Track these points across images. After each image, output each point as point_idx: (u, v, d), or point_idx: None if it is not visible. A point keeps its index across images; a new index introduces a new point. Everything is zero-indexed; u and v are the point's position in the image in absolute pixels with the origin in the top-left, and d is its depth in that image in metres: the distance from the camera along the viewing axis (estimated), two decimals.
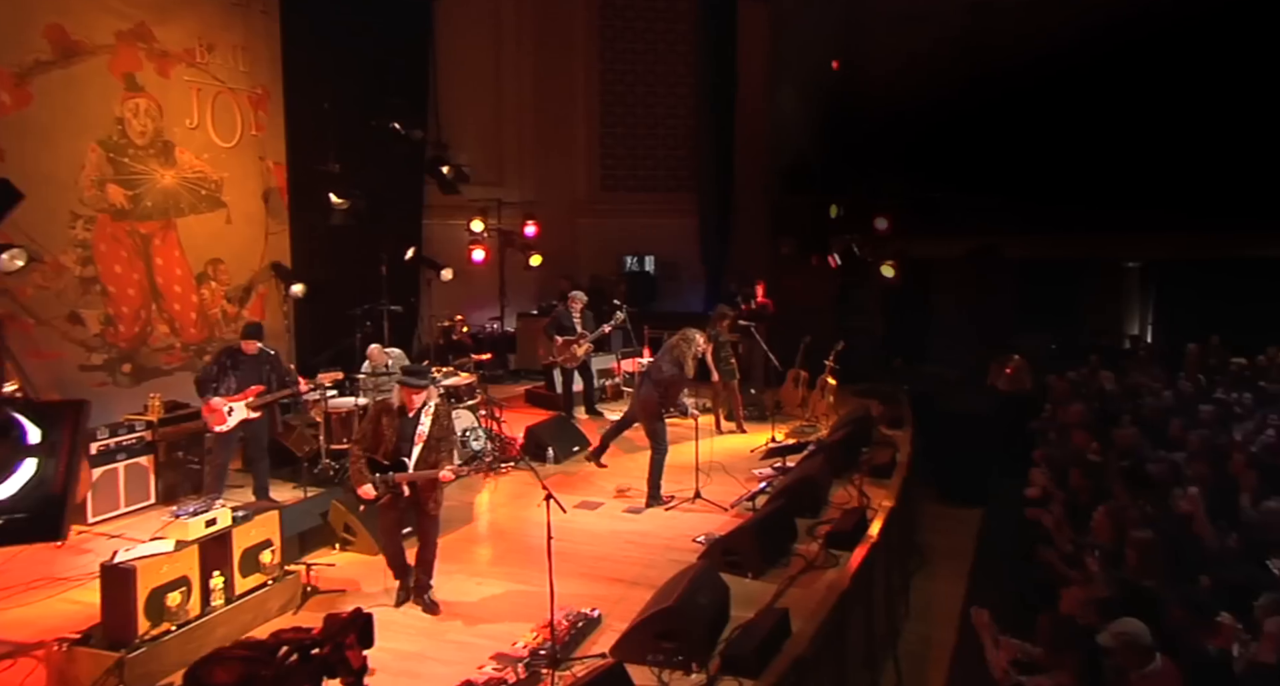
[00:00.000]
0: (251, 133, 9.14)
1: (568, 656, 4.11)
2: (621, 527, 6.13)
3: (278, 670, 2.31)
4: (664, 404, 6.46)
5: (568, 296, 9.47)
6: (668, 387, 6.42)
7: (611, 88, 13.74)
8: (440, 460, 4.79)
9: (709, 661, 4.00)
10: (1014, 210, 12.96)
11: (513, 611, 4.66)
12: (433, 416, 4.81)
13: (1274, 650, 3.41)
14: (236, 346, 6.28)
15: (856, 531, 5.60)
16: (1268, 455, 6.05)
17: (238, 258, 9.07)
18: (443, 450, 4.84)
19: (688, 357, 6.38)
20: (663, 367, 6.44)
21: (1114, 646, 3.55)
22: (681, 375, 6.40)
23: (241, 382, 6.12)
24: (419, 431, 4.76)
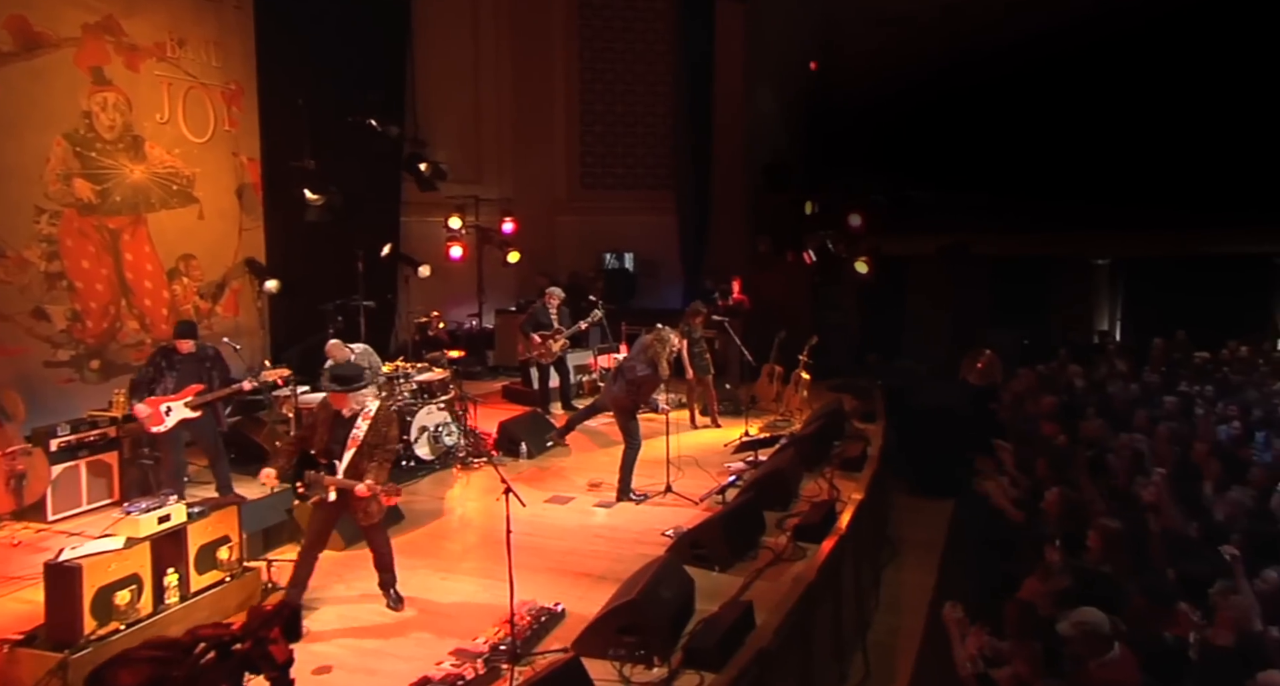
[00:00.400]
0: (225, 128, 9.06)
1: (529, 651, 4.12)
2: (591, 522, 6.14)
3: (191, 669, 2.26)
4: (635, 402, 6.47)
5: (544, 293, 9.46)
6: (640, 387, 6.42)
7: (591, 86, 13.73)
8: (368, 470, 4.48)
9: (671, 655, 4.01)
10: (986, 208, 13.14)
11: (477, 606, 4.65)
12: (371, 421, 4.57)
13: (1231, 633, 3.46)
14: (172, 346, 6.08)
15: (825, 524, 5.63)
16: (1231, 445, 6.15)
17: (210, 253, 8.99)
18: (376, 458, 4.54)
19: (662, 358, 6.38)
20: (637, 367, 6.44)
21: (1073, 635, 3.59)
22: (655, 375, 6.41)
23: (180, 382, 5.97)
24: (353, 435, 4.52)
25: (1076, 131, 13.45)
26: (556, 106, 13.56)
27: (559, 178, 13.73)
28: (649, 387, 6.48)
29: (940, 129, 13.86)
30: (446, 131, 12.67)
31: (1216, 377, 8.66)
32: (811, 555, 5.31)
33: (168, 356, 6.01)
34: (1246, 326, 12.21)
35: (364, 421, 4.56)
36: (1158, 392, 7.82)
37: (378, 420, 4.60)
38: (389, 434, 4.64)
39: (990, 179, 13.59)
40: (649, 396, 6.49)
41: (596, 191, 13.87)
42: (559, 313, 9.29)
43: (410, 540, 5.75)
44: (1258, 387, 7.97)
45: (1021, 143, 13.52)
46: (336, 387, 4.59)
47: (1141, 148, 13.07)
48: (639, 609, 4.00)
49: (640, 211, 13.62)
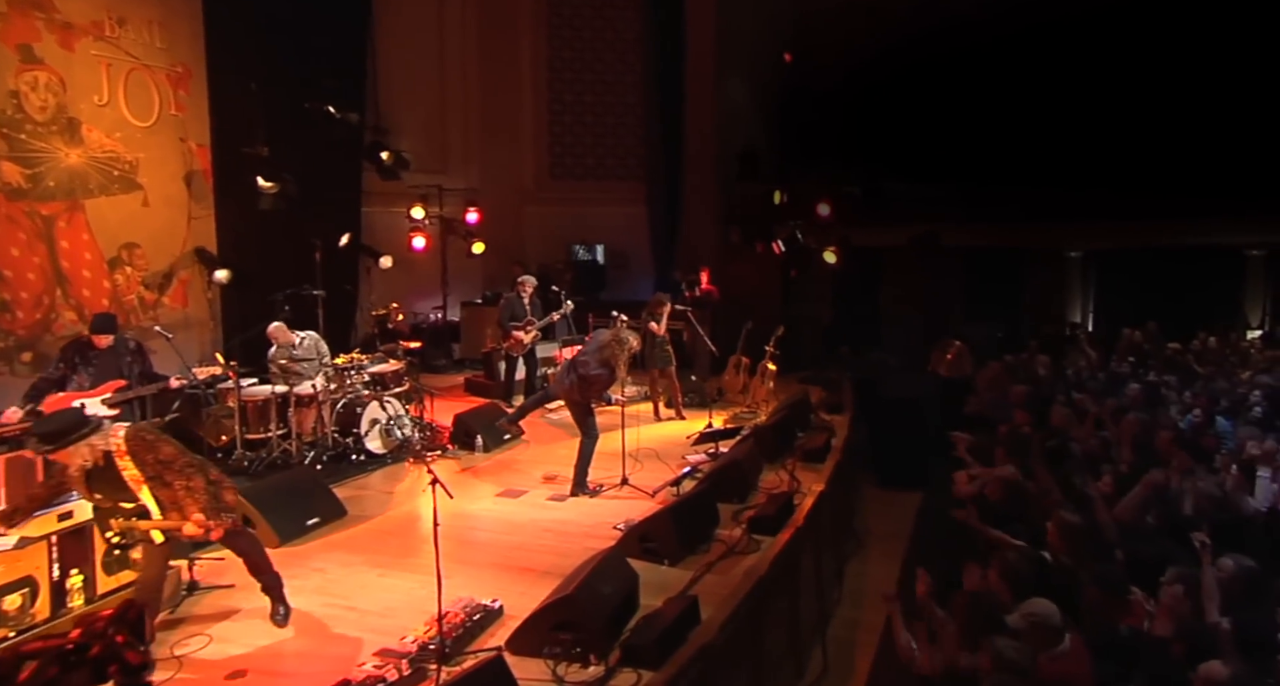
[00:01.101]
0: (171, 112, 8.74)
1: (460, 650, 3.90)
2: (542, 516, 5.93)
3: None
4: (586, 399, 6.25)
5: (518, 281, 9.25)
6: (590, 385, 6.22)
7: (559, 74, 13.48)
8: (180, 499, 3.74)
9: (610, 653, 3.81)
10: (959, 198, 13.09)
11: (412, 604, 4.42)
12: (128, 456, 3.71)
13: (1170, 622, 3.32)
14: (86, 339, 5.73)
15: (781, 516, 5.46)
16: (1193, 433, 6.04)
17: (156, 242, 8.68)
18: (175, 483, 3.75)
19: (620, 361, 6.17)
20: (590, 364, 6.22)
21: (1023, 627, 3.44)
22: (610, 376, 6.20)
23: (97, 378, 5.63)
24: (128, 478, 3.71)
25: (1050, 122, 13.44)
26: (524, 95, 13.29)
27: (527, 168, 13.47)
28: (600, 387, 6.26)
29: (914, 119, 13.81)
30: (411, 119, 12.38)
31: (1182, 367, 8.58)
32: (766, 548, 5.14)
33: (82, 352, 5.66)
34: (1217, 317, 12.25)
35: (123, 460, 3.72)
36: (1124, 382, 7.72)
37: (136, 450, 3.73)
38: (159, 459, 3.77)
39: (964, 169, 13.55)
40: (600, 394, 6.28)
41: (566, 182, 13.63)
42: (532, 303, 9.09)
43: (352, 536, 5.51)
44: (1225, 377, 7.89)
45: (995, 133, 13.50)
46: (46, 448, 3.67)
47: (1114, 139, 13.09)
48: (574, 605, 3.79)
49: (611, 202, 13.40)
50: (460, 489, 6.64)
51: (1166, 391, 7.45)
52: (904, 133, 13.85)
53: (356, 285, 11.44)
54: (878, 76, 13.73)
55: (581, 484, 6.26)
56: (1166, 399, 7.03)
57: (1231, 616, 3.42)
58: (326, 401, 7.23)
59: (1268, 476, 4.68)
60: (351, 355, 8.01)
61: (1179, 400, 7.05)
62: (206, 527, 3.76)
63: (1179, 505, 4.63)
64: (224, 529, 3.85)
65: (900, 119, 13.86)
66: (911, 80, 13.85)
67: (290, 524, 5.31)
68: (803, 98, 14.39)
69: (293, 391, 7.02)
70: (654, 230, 13.11)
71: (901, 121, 13.84)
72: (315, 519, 5.50)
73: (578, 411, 6.34)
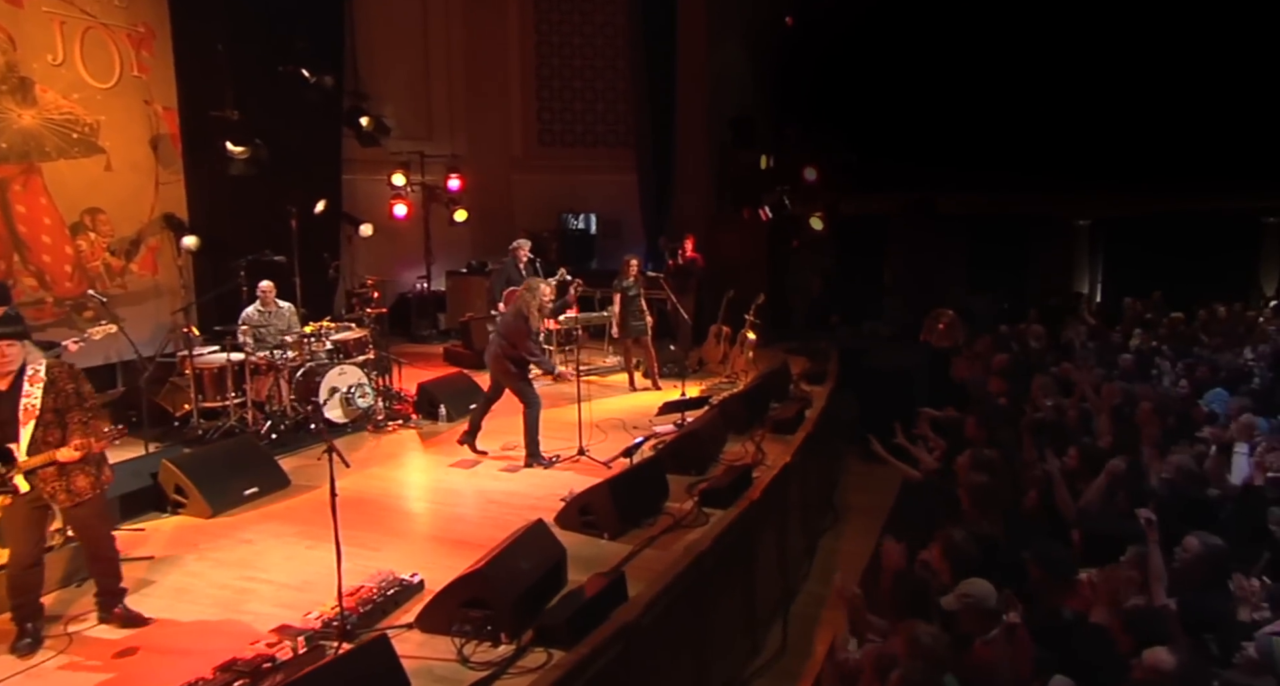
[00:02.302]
0: (133, 74, 8.48)
1: (370, 626, 3.70)
2: (491, 486, 5.72)
3: None
4: (512, 357, 5.99)
5: (514, 246, 8.95)
6: (511, 337, 5.97)
7: (547, 38, 13.07)
8: (68, 438, 3.59)
9: (523, 631, 3.59)
10: (960, 165, 12.59)
11: (334, 578, 4.20)
12: (44, 384, 3.57)
13: (1105, 608, 3.04)
14: None
15: (734, 488, 5.21)
16: (1176, 405, 5.69)
17: (122, 208, 8.47)
18: (72, 423, 3.61)
19: (531, 308, 5.96)
20: (507, 319, 6.03)
21: (957, 609, 3.17)
22: (525, 325, 5.96)
23: None
24: (25, 405, 3.54)
25: (1057, 85, 12.86)
26: (511, 59, 12.91)
27: (515, 135, 13.13)
28: (520, 337, 5.97)
29: (916, 83, 13.30)
30: (393, 84, 12.07)
31: (1185, 338, 8.18)
32: (715, 522, 4.89)
33: None
34: (1232, 287, 11.75)
35: (34, 386, 3.55)
36: (1118, 353, 7.35)
37: (56, 379, 3.60)
38: (79, 391, 3.65)
39: (967, 135, 13.06)
40: (526, 348, 6.01)
41: (555, 149, 13.27)
42: (528, 267, 8.82)
43: (291, 507, 5.33)
44: (1228, 348, 7.48)
45: (1000, 98, 12.97)
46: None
47: (1123, 103, 12.51)
48: (484, 580, 3.58)
49: (602, 170, 13.05)
50: (416, 458, 6.49)
51: (1161, 362, 7.07)
52: (906, 97, 13.35)
53: (338, 254, 11.22)
54: (881, 40, 13.23)
55: (535, 454, 6.05)
56: (1160, 370, 6.65)
57: (1180, 598, 3.13)
58: (285, 369, 7.06)
59: (1245, 451, 4.34)
60: (321, 323, 7.86)
61: (1172, 371, 6.67)
62: (87, 449, 3.60)
63: (1146, 479, 4.31)
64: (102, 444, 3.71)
65: (902, 83, 13.36)
66: (915, 43, 13.32)
67: (225, 494, 5.15)
68: (802, 62, 13.91)
69: (249, 359, 6.85)
70: (644, 198, 12.74)
71: (904, 86, 13.34)
72: (254, 489, 5.33)
73: (513, 382, 6.11)
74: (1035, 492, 4.21)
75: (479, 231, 12.51)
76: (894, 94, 13.32)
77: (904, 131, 13.10)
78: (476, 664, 3.41)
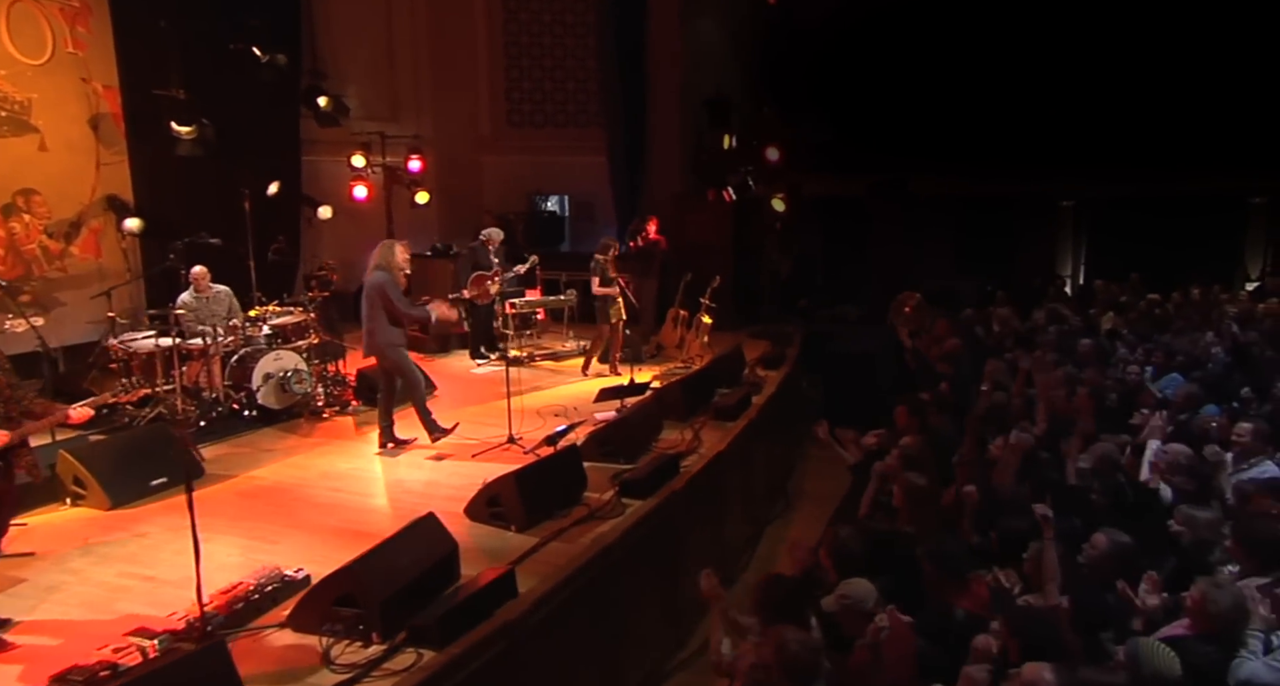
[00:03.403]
0: (68, 50, 8.22)
1: (241, 625, 3.52)
2: (410, 476, 5.54)
3: None
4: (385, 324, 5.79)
5: (484, 235, 8.95)
6: (379, 298, 5.76)
7: (515, 16, 12.73)
8: None
9: (398, 631, 3.40)
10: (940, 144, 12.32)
11: (223, 573, 4.02)
12: None
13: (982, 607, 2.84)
14: None
15: (656, 478, 5.01)
16: (1130, 391, 5.46)
17: (59, 189, 8.24)
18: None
19: (391, 265, 5.81)
20: (371, 294, 5.81)
21: (836, 610, 2.97)
22: (390, 279, 5.75)
23: None
24: None
25: (1040, 63, 12.56)
26: (479, 38, 12.59)
27: (483, 115, 12.82)
28: (384, 297, 5.76)
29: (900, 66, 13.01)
30: (355, 63, 11.76)
31: (1152, 321, 7.93)
32: (630, 513, 4.70)
33: None
34: (1216, 269, 11.49)
35: None
36: (1078, 337, 7.10)
37: None
38: None
39: (950, 117, 12.79)
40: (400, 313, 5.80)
41: (525, 130, 12.97)
42: (498, 255, 8.79)
43: (198, 498, 4.98)
44: (1189, 332, 7.22)
45: (982, 80, 12.69)
46: None
47: (1108, 83, 12.20)
48: (355, 577, 3.39)
49: (574, 151, 12.74)
50: (343, 446, 6.29)
51: (1123, 347, 6.83)
52: (888, 78, 13.07)
53: (298, 236, 11.00)
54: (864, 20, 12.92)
55: (436, 427, 5.89)
56: (1115, 354, 6.41)
57: (1072, 596, 2.92)
58: (217, 354, 6.86)
59: (1158, 447, 4.12)
60: (268, 308, 7.67)
61: (1131, 357, 6.43)
62: None
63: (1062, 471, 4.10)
64: None
65: (885, 64, 13.07)
66: (899, 23, 13.01)
67: (128, 485, 4.96)
68: (784, 42, 13.59)
69: (178, 345, 6.64)
70: (615, 179, 12.45)
71: (886, 67, 13.05)
72: (162, 479, 5.13)
73: (388, 353, 5.91)
74: (954, 489, 4.00)
75: (446, 213, 12.25)
76: (876, 75, 13.08)
77: (885, 112, 12.85)
78: (341, 666, 3.23)
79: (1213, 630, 2.75)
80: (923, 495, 3.74)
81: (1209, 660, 2.67)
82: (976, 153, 12.59)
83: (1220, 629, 2.73)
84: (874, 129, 12.58)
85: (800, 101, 13.86)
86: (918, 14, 12.99)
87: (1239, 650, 2.66)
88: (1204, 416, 4.82)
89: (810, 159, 11.51)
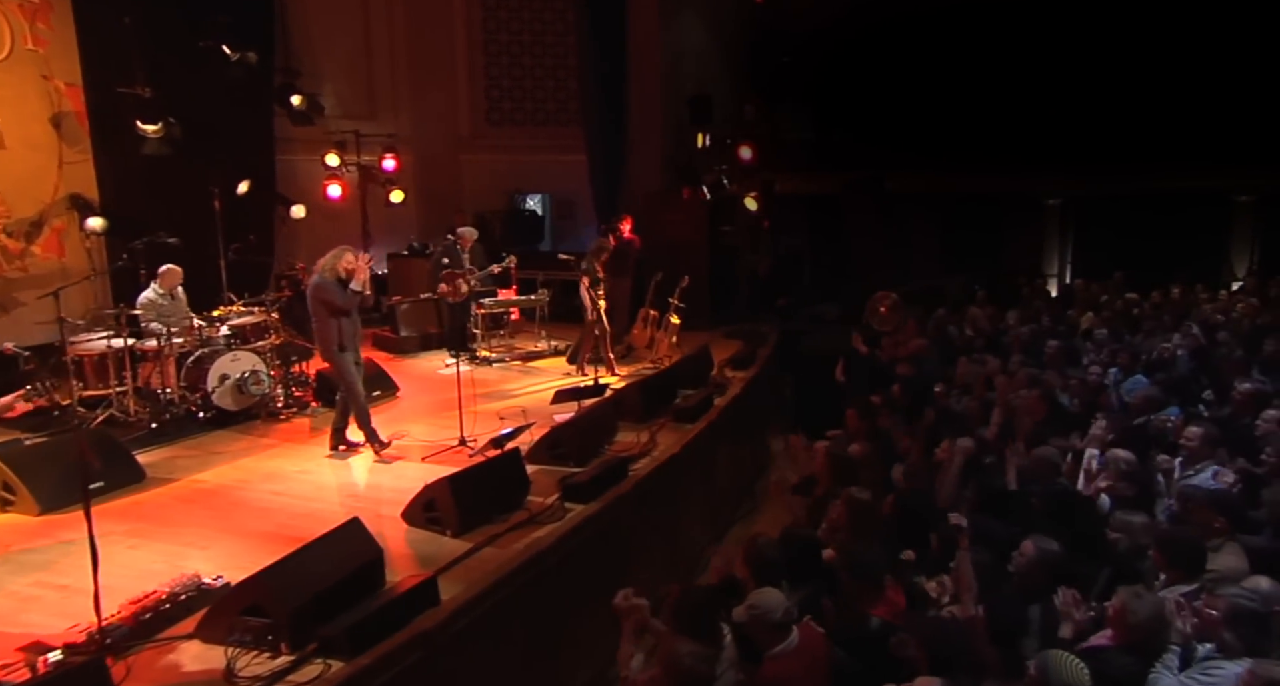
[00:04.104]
0: (26, 47, 8.14)
1: (150, 637, 3.41)
2: (356, 480, 5.44)
3: None
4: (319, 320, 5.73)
5: (457, 233, 8.90)
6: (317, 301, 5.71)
7: (494, 14, 12.63)
8: None
9: (309, 641, 3.30)
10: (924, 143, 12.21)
11: (142, 582, 3.89)
12: None
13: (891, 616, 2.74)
14: None
15: (601, 482, 4.90)
16: (1090, 393, 5.35)
17: (19, 188, 8.16)
18: None
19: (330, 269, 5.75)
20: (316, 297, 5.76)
21: (745, 621, 2.87)
22: (325, 281, 5.70)
23: None
24: None
25: (1026, 60, 12.44)
26: (457, 36, 12.49)
27: (463, 113, 12.72)
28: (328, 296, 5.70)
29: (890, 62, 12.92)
30: (331, 61, 11.67)
31: (1128, 321, 7.80)
32: (571, 517, 4.59)
33: None
34: (1202, 267, 11.37)
35: None
36: (1045, 338, 6.98)
37: None
38: None
39: (937, 114, 12.69)
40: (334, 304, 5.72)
41: (505, 128, 12.88)
42: (472, 253, 8.77)
43: (136, 502, 5.04)
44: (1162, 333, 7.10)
45: (968, 77, 12.59)
46: None
47: (1094, 81, 12.09)
48: (264, 586, 3.30)
49: (554, 150, 12.63)
50: (294, 449, 6.18)
51: (1094, 348, 6.71)
52: (877, 72, 12.97)
53: (271, 235, 10.90)
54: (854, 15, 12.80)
55: (374, 437, 5.83)
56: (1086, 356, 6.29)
57: (986, 605, 2.82)
58: (171, 355, 6.76)
59: (1096, 457, 4.01)
60: (234, 308, 7.58)
61: (1098, 358, 6.31)
62: None
63: (1002, 476, 3.99)
64: None
65: (873, 57, 12.96)
66: (889, 17, 12.89)
67: (59, 490, 4.83)
68: (773, 40, 13.50)
69: (128, 346, 6.55)
70: (594, 178, 12.35)
71: (874, 60, 12.95)
72: (98, 483, 5.02)
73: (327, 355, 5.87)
74: (893, 496, 3.89)
75: (425, 212, 12.17)
76: (863, 73, 12.98)
77: (871, 110, 12.73)
78: (243, 679, 3.13)
79: (1133, 641, 2.65)
80: (865, 509, 3.62)
81: (1127, 672, 2.57)
82: (963, 150, 12.49)
83: (1139, 640, 2.63)
84: (860, 126, 12.48)
85: (785, 99, 13.78)
86: (907, 13, 12.87)
87: (1156, 663, 2.56)
88: (1160, 418, 4.70)
89: (797, 156, 11.39)
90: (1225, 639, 2.53)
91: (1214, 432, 4.11)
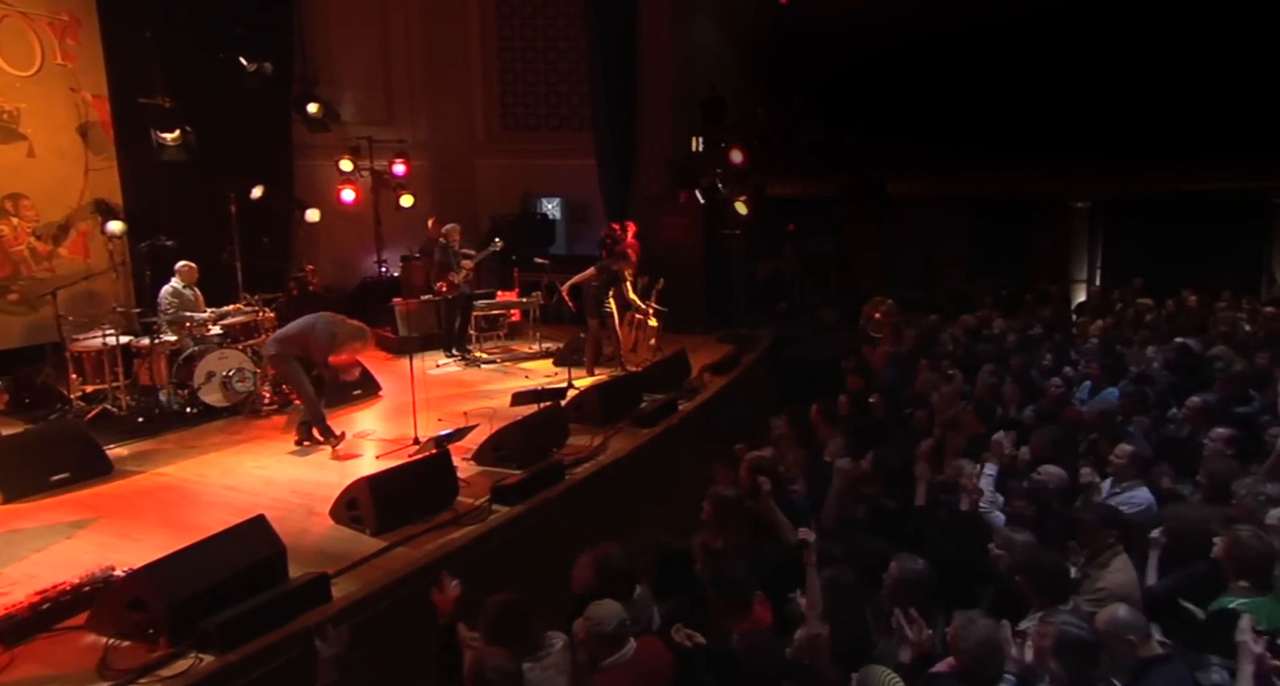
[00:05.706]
0: (56, 62, 8.63)
1: (46, 627, 3.56)
2: (305, 476, 5.58)
3: None
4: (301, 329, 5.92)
5: (443, 233, 9.18)
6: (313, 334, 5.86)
7: (509, 21, 12.84)
8: None
9: (189, 635, 3.41)
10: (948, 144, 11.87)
11: (65, 572, 4.04)
12: None
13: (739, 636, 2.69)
14: None
15: (533, 484, 4.92)
16: (1051, 406, 5.12)
17: (47, 194, 8.67)
18: None
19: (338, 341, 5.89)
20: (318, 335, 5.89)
21: (580, 633, 2.85)
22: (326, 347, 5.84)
23: None
24: None
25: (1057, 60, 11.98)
26: (472, 44, 12.74)
27: (477, 118, 12.96)
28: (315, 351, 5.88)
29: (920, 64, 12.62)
30: (350, 70, 12.04)
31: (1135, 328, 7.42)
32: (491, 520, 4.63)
33: None
34: (1240, 271, 10.75)
35: None
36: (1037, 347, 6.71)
37: None
38: None
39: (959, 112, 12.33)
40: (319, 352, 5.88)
41: (519, 133, 13.06)
42: (466, 245, 9.04)
43: (95, 494, 5.27)
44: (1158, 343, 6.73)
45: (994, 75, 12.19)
46: None
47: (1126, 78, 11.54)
48: (146, 579, 3.42)
49: (567, 154, 12.76)
50: (261, 445, 6.37)
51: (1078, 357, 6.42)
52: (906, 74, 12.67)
53: (289, 240, 11.30)
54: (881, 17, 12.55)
55: (330, 433, 6.01)
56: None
57: (832, 624, 2.73)
58: (164, 352, 7.09)
59: (992, 473, 3.82)
60: (238, 305, 7.92)
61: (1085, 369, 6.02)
62: None
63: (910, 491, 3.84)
64: None
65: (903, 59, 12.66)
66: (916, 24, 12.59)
67: (25, 479, 5.12)
68: (796, 42, 13.33)
69: (122, 343, 6.88)
70: (603, 181, 12.40)
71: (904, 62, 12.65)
72: (64, 474, 5.29)
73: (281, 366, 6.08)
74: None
75: (441, 215, 12.37)
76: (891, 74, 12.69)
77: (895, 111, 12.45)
78: (114, 671, 3.25)
79: (966, 668, 2.53)
80: (730, 507, 3.57)
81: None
82: (988, 151, 12.09)
83: (972, 667, 2.51)
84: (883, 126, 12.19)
85: (809, 100, 13.57)
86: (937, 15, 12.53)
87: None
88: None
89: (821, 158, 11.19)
90: (1051, 668, 2.40)
91: (1144, 452, 3.89)
